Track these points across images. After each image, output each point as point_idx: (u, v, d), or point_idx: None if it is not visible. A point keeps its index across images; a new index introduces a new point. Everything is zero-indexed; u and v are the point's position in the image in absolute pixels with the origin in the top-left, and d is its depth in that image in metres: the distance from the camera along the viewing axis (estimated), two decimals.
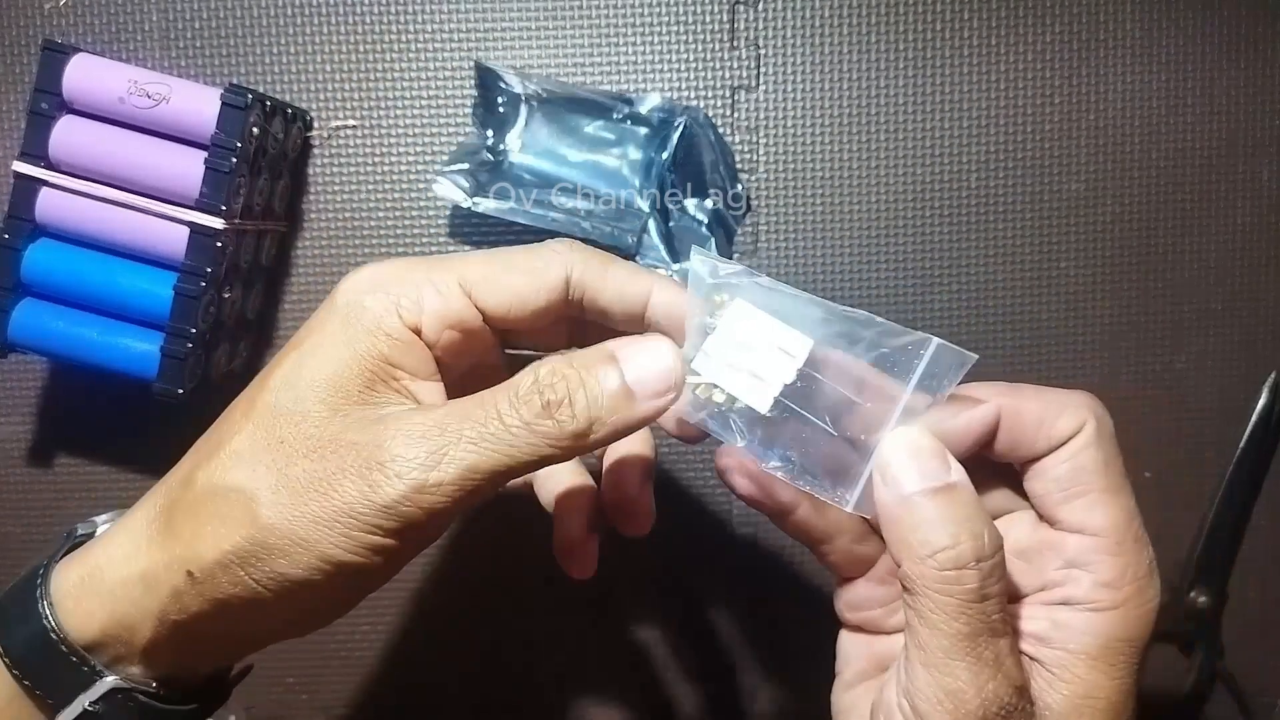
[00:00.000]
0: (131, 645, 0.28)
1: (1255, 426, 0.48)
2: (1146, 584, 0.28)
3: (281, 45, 0.46)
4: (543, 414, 0.27)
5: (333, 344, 0.28)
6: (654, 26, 0.47)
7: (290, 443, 0.27)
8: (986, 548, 0.26)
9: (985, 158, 0.47)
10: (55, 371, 0.47)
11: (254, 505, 0.27)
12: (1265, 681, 0.49)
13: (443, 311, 0.29)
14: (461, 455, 0.26)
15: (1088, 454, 0.29)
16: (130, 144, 0.41)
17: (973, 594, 0.26)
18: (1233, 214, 0.48)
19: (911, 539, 0.26)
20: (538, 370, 0.27)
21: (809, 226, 0.47)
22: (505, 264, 0.30)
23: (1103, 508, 0.28)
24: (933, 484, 0.27)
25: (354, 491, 0.26)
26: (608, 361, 0.28)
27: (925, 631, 0.26)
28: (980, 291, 0.48)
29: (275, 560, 0.27)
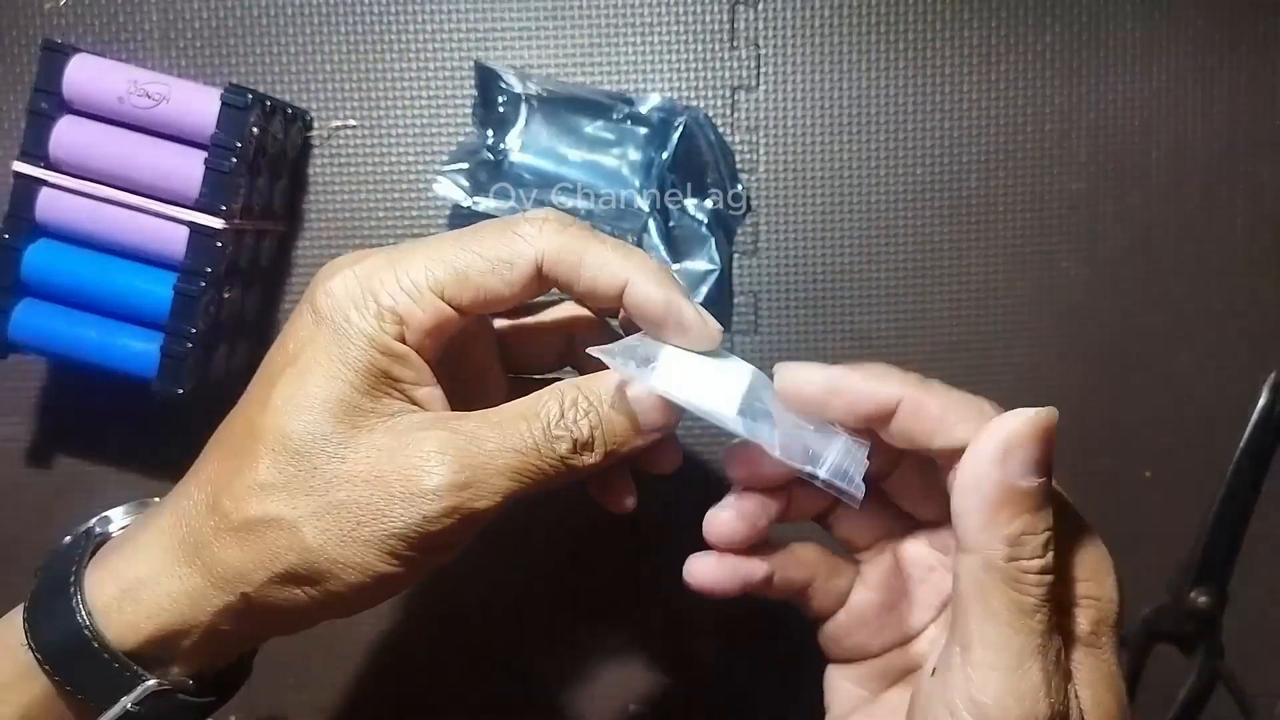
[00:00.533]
0: (174, 651, 0.30)
1: (1256, 426, 0.48)
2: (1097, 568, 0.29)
3: (281, 45, 0.46)
4: (573, 450, 0.29)
5: (329, 361, 0.29)
6: (654, 26, 0.47)
7: (324, 469, 0.29)
8: (1053, 560, 0.26)
9: (985, 158, 0.47)
10: (55, 371, 0.47)
11: (299, 534, 0.28)
12: (1266, 681, 0.49)
13: (422, 322, 0.30)
14: (504, 485, 0.29)
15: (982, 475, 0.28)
16: (130, 144, 0.41)
17: (1047, 595, 0.26)
18: (1233, 214, 0.48)
19: (1007, 534, 0.26)
20: (561, 402, 0.30)
21: (809, 226, 0.47)
22: (473, 258, 0.30)
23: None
24: (1040, 478, 0.27)
25: (405, 516, 0.28)
26: (621, 398, 0.30)
27: (999, 631, 0.26)
28: (980, 291, 0.48)
29: (328, 580, 0.29)
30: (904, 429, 0.28)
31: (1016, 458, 0.26)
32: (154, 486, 0.47)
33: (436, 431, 0.29)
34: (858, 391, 0.29)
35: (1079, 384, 0.48)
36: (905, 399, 0.28)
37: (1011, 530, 0.26)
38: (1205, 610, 0.48)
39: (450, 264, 0.30)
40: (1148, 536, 0.48)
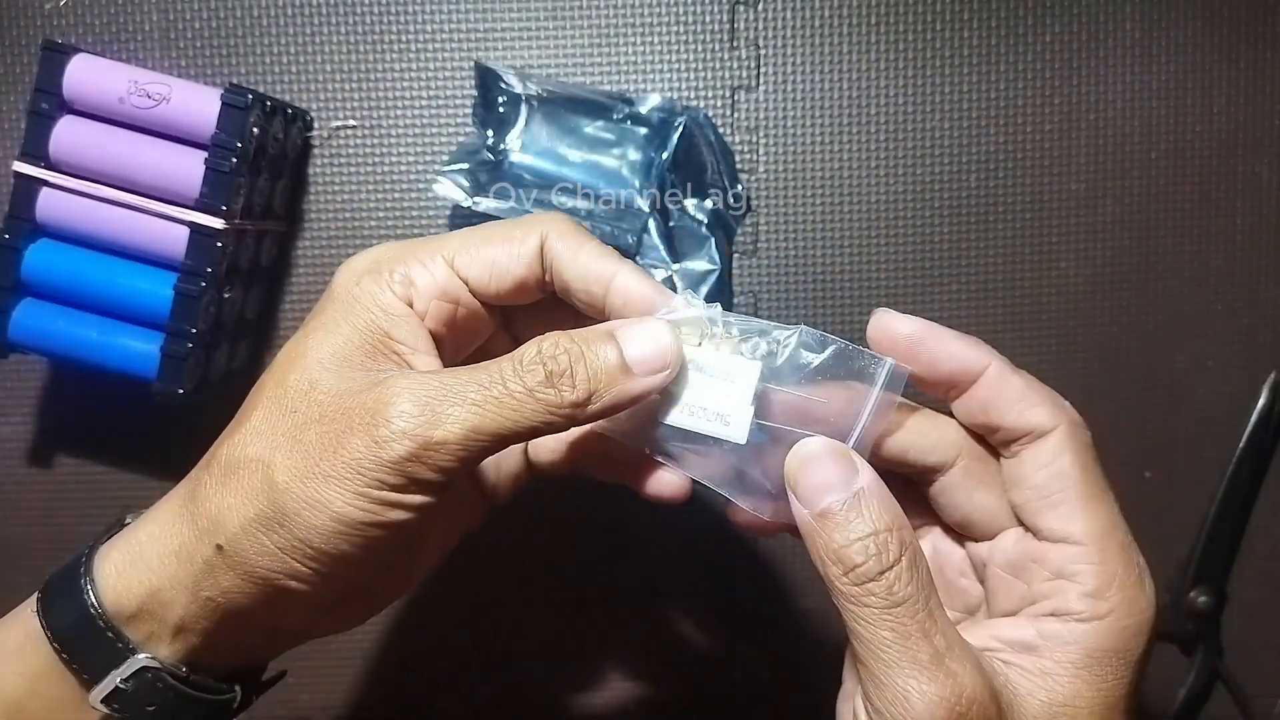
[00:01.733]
0: (165, 621, 0.29)
1: (1255, 426, 0.48)
2: (1137, 594, 0.28)
3: (282, 45, 0.46)
4: (545, 382, 0.28)
5: (334, 323, 0.30)
6: (654, 26, 0.47)
7: (301, 411, 0.29)
8: (890, 556, 0.27)
9: (985, 158, 0.47)
10: (55, 371, 0.47)
11: (270, 471, 0.28)
12: (1265, 681, 0.49)
13: (429, 283, 0.31)
14: (465, 415, 0.27)
15: (1063, 460, 0.29)
16: (130, 144, 0.41)
17: (886, 600, 0.26)
18: (1233, 214, 0.48)
19: (826, 556, 0.27)
20: (540, 342, 0.29)
21: (809, 226, 0.47)
22: (485, 235, 0.31)
23: (1083, 516, 0.28)
24: (841, 495, 0.27)
25: (361, 446, 0.27)
26: (606, 338, 0.29)
27: (858, 645, 0.27)
28: (980, 292, 0.48)
29: (294, 524, 0.28)
30: (982, 398, 0.29)
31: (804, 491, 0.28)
32: (154, 486, 0.48)
33: (412, 375, 0.29)
34: (949, 349, 0.29)
35: (1078, 384, 0.48)
36: (993, 368, 0.29)
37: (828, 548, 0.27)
38: (1205, 610, 0.48)
39: (461, 240, 0.31)
40: (1147, 536, 0.48)
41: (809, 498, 0.28)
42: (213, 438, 0.31)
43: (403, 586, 0.34)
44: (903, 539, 0.27)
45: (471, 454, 0.28)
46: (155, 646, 0.30)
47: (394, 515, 0.28)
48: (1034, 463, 0.29)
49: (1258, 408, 0.48)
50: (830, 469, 0.28)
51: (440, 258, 0.31)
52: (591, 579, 0.49)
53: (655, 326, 0.30)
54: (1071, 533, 0.28)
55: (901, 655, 0.26)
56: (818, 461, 0.28)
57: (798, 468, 0.28)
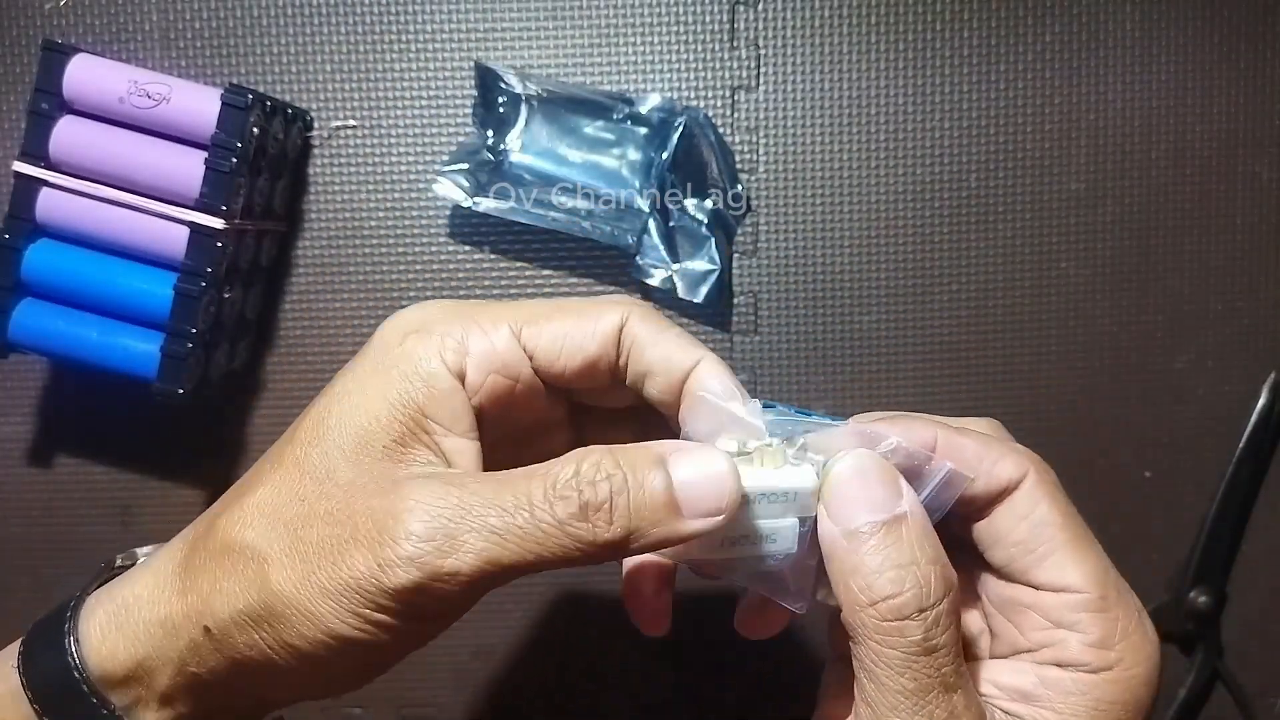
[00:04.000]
0: (151, 689, 0.28)
1: (1255, 426, 0.48)
2: (1141, 640, 0.26)
3: (282, 45, 0.46)
4: (578, 515, 0.24)
5: (365, 389, 0.27)
6: (654, 26, 0.47)
7: (310, 502, 0.26)
8: (933, 594, 0.24)
9: (985, 158, 0.47)
10: (55, 371, 0.47)
11: (266, 568, 0.26)
12: (1265, 681, 0.49)
13: (488, 353, 0.27)
14: (482, 546, 0.24)
15: (1042, 508, 0.27)
16: (130, 144, 0.41)
17: (917, 646, 0.24)
18: (1232, 214, 0.48)
19: (852, 583, 0.24)
20: (580, 462, 0.25)
21: (809, 226, 0.47)
22: (558, 307, 0.28)
23: (1075, 564, 0.27)
24: (880, 516, 0.25)
25: (362, 567, 0.24)
26: (656, 464, 0.25)
27: (871, 686, 0.24)
28: (980, 292, 0.48)
29: (284, 628, 0.25)
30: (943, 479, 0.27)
31: (842, 506, 0.25)
32: (154, 486, 0.47)
33: (431, 482, 0.25)
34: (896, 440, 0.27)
35: (1079, 384, 0.48)
36: (941, 440, 0.27)
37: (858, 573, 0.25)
38: (1205, 610, 0.48)
39: (530, 307, 0.28)
40: (1147, 536, 0.48)
41: (843, 512, 0.25)
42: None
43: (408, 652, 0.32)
44: (947, 578, 0.25)
45: (483, 586, 0.25)
46: (141, 712, 0.28)
47: (389, 636, 0.25)
48: (1012, 517, 0.27)
49: (1258, 408, 0.48)
50: (872, 485, 0.25)
51: (506, 325, 0.28)
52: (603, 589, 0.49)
53: (713, 459, 0.25)
54: (1069, 582, 0.26)
55: (915, 709, 0.24)
56: (859, 475, 0.25)
57: (835, 480, 0.25)
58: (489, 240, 0.47)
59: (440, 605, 0.25)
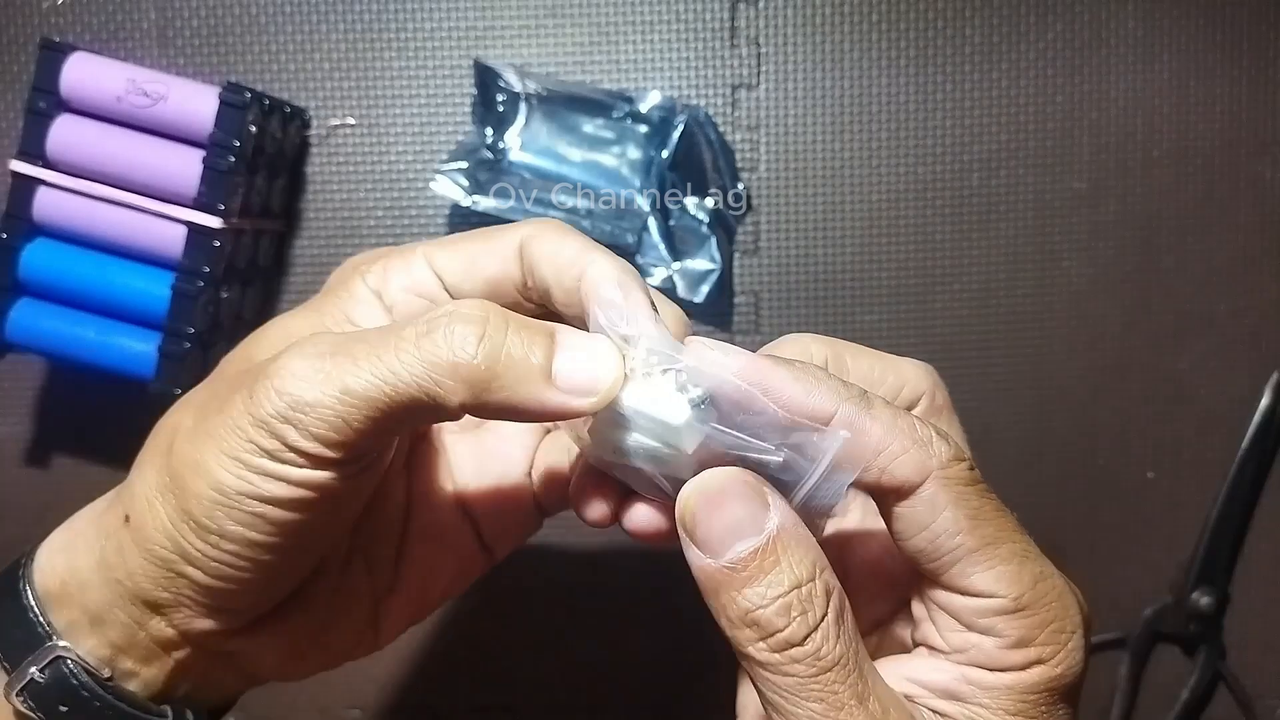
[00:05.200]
0: (84, 606, 0.27)
1: (1258, 427, 0.47)
2: (1061, 626, 0.24)
3: (279, 43, 0.46)
4: (439, 340, 0.23)
5: (302, 312, 0.29)
6: (654, 25, 0.46)
7: (227, 378, 0.27)
8: (817, 610, 0.23)
9: (987, 157, 0.47)
10: (53, 371, 0.47)
11: (175, 436, 0.26)
12: (1268, 683, 0.49)
13: (403, 278, 0.29)
14: (340, 374, 0.23)
15: (944, 519, 0.24)
16: (128, 143, 0.41)
17: (814, 668, 0.22)
18: (1235, 214, 0.47)
19: (737, 618, 0.23)
20: (460, 302, 0.24)
21: (809, 226, 0.47)
22: (468, 235, 0.29)
23: (983, 569, 0.24)
24: (751, 543, 0.23)
25: (239, 403, 0.24)
26: (543, 335, 0.24)
27: (777, 717, 0.23)
28: (982, 292, 0.47)
29: (180, 491, 0.25)
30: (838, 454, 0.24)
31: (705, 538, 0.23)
32: None
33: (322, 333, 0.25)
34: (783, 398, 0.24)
35: (1081, 384, 0.48)
36: (840, 418, 0.24)
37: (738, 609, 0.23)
38: (1207, 611, 0.48)
39: (447, 239, 0.30)
40: (1150, 537, 0.48)
41: (714, 543, 0.23)
42: None
43: (367, 638, 0.30)
44: (827, 585, 0.23)
45: (353, 427, 0.23)
46: (76, 637, 0.27)
47: (271, 488, 0.24)
48: (913, 525, 0.24)
49: (1261, 408, 0.48)
50: (735, 506, 0.23)
51: (420, 253, 0.29)
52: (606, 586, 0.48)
53: (605, 348, 0.24)
54: (978, 588, 0.24)
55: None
56: (724, 497, 0.23)
57: (698, 504, 0.23)
58: None
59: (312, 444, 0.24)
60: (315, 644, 0.29)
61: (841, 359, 0.27)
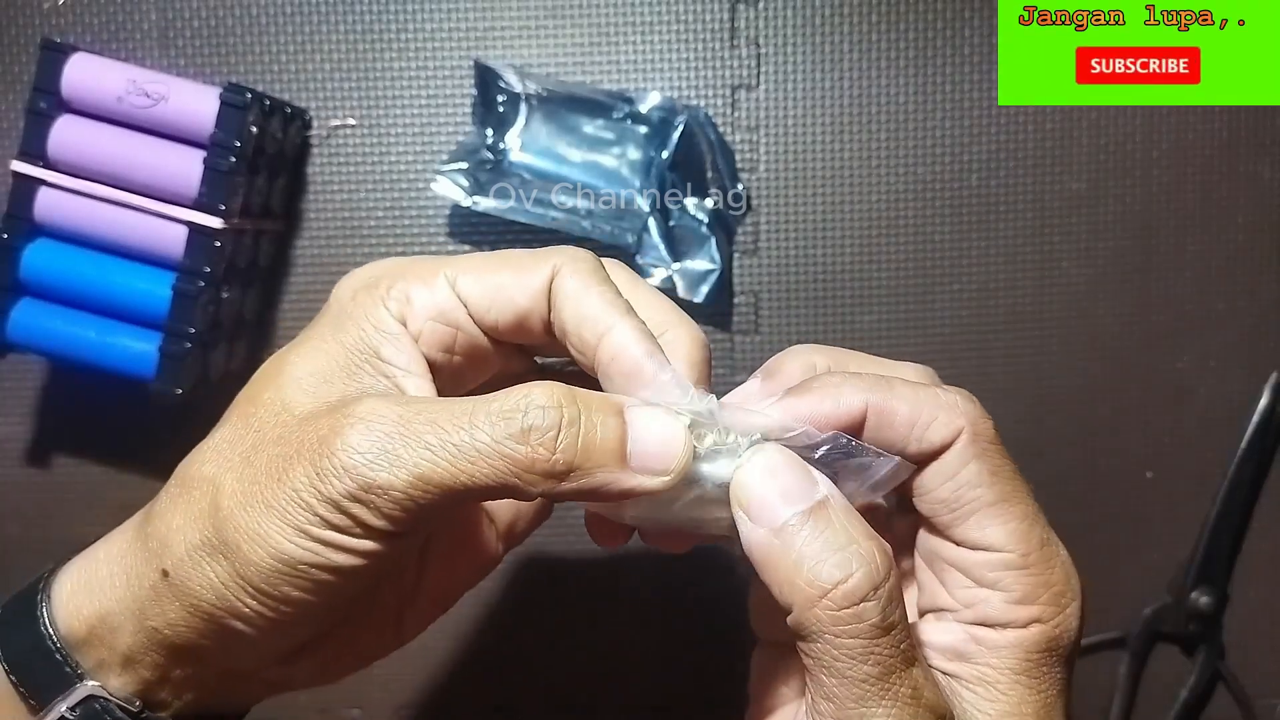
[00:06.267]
0: (114, 649, 0.27)
1: (1257, 426, 0.47)
2: (1063, 590, 0.26)
3: (280, 44, 0.46)
4: (518, 438, 0.24)
5: (321, 339, 0.27)
6: (654, 25, 0.46)
7: (264, 430, 0.26)
8: (880, 569, 0.23)
9: (986, 157, 0.47)
10: (53, 371, 0.47)
11: (218, 494, 0.25)
12: (1267, 682, 0.49)
13: (427, 302, 0.28)
14: (415, 460, 0.24)
15: (970, 469, 0.26)
16: (129, 143, 0.41)
17: (876, 628, 0.23)
18: (1234, 213, 0.48)
19: (797, 579, 0.23)
20: (533, 389, 0.24)
21: (809, 226, 0.47)
22: (497, 259, 0.28)
23: (997, 524, 0.26)
24: (803, 505, 0.24)
25: (302, 476, 0.24)
26: (613, 411, 0.25)
27: (832, 681, 0.23)
28: (981, 292, 0.48)
29: (235, 555, 0.25)
30: (876, 441, 0.26)
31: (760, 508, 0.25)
32: (152, 486, 0.47)
33: (378, 399, 0.25)
34: (819, 415, 0.26)
35: (1080, 384, 0.48)
36: (871, 409, 0.26)
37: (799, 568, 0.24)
38: (1206, 610, 0.48)
39: (470, 260, 0.28)
40: (1149, 536, 0.48)
41: (765, 511, 0.24)
42: None
43: (390, 638, 0.31)
44: (886, 552, 0.24)
45: (419, 505, 0.24)
46: (105, 676, 0.27)
47: (338, 559, 0.24)
48: (939, 475, 0.26)
49: (1259, 408, 0.48)
50: (785, 478, 0.25)
51: (442, 276, 0.28)
52: (605, 585, 0.49)
53: (672, 424, 0.25)
54: (990, 541, 0.26)
55: (883, 693, 0.23)
56: (768, 472, 0.25)
57: (749, 479, 0.25)
58: (488, 240, 0.47)
59: (380, 521, 0.24)
60: (344, 656, 0.30)
61: (845, 366, 0.28)
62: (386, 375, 0.27)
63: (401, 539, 0.25)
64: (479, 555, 0.32)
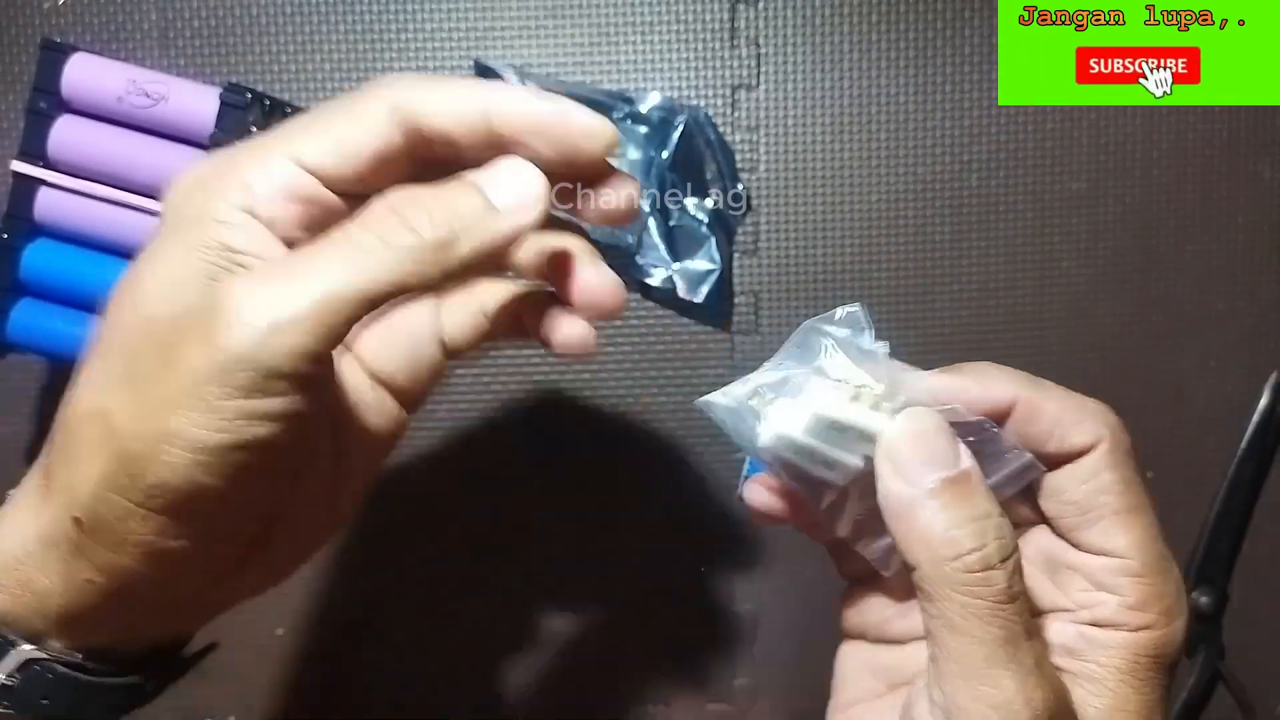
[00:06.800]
0: (46, 615, 0.26)
1: (1257, 426, 0.47)
2: (1175, 604, 0.28)
3: (280, 44, 0.46)
4: (399, 227, 0.24)
5: (163, 249, 0.25)
6: (654, 25, 0.46)
7: (133, 345, 0.25)
8: (1010, 544, 0.25)
9: (986, 157, 0.47)
10: (54, 371, 0.47)
11: (109, 420, 0.24)
12: (1267, 683, 0.49)
13: (270, 185, 0.26)
14: (314, 285, 0.23)
15: (1105, 476, 0.27)
16: (129, 143, 0.41)
17: (1003, 594, 0.25)
18: (1234, 213, 0.48)
19: (931, 538, 0.25)
20: (386, 195, 0.25)
21: (809, 226, 0.47)
22: (324, 115, 0.27)
23: (1124, 531, 0.27)
24: (948, 472, 0.25)
25: (198, 356, 0.23)
26: (464, 185, 0.26)
27: (958, 641, 0.25)
28: (981, 292, 0.48)
29: (147, 471, 0.23)
30: (1019, 433, 0.28)
31: (907, 465, 0.26)
32: None
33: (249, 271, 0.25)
34: (971, 397, 0.28)
35: (1080, 384, 0.48)
36: (1022, 400, 0.28)
37: (935, 529, 0.25)
38: (1206, 610, 0.48)
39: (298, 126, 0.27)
40: None
41: (910, 469, 0.26)
42: None
43: (328, 521, 0.30)
44: (1013, 533, 0.26)
45: (329, 328, 0.23)
46: (45, 640, 0.26)
47: (256, 430, 0.24)
48: (1074, 479, 0.28)
49: (1260, 408, 0.48)
50: (934, 443, 0.26)
51: (278, 153, 0.26)
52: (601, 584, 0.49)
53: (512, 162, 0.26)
54: (1113, 547, 0.27)
55: (1009, 658, 0.24)
56: (920, 434, 0.26)
57: (897, 440, 0.26)
58: None
59: (294, 363, 0.23)
60: (285, 554, 0.29)
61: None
62: (243, 266, 0.25)
63: (313, 388, 0.24)
64: (388, 423, 0.32)
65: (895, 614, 0.31)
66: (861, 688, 0.31)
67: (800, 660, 0.48)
